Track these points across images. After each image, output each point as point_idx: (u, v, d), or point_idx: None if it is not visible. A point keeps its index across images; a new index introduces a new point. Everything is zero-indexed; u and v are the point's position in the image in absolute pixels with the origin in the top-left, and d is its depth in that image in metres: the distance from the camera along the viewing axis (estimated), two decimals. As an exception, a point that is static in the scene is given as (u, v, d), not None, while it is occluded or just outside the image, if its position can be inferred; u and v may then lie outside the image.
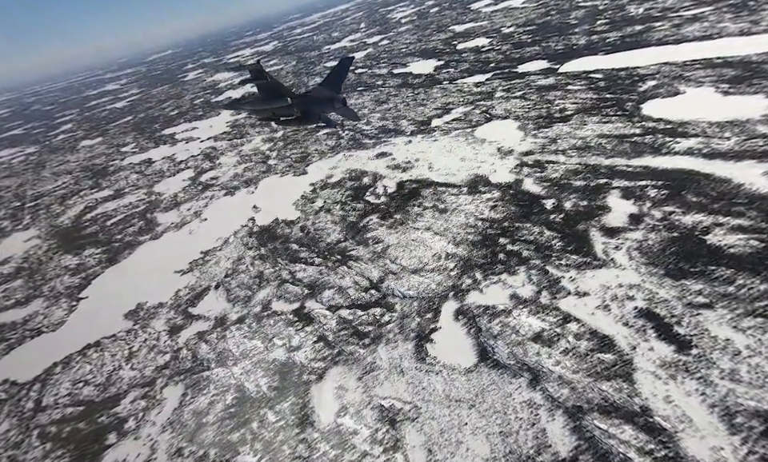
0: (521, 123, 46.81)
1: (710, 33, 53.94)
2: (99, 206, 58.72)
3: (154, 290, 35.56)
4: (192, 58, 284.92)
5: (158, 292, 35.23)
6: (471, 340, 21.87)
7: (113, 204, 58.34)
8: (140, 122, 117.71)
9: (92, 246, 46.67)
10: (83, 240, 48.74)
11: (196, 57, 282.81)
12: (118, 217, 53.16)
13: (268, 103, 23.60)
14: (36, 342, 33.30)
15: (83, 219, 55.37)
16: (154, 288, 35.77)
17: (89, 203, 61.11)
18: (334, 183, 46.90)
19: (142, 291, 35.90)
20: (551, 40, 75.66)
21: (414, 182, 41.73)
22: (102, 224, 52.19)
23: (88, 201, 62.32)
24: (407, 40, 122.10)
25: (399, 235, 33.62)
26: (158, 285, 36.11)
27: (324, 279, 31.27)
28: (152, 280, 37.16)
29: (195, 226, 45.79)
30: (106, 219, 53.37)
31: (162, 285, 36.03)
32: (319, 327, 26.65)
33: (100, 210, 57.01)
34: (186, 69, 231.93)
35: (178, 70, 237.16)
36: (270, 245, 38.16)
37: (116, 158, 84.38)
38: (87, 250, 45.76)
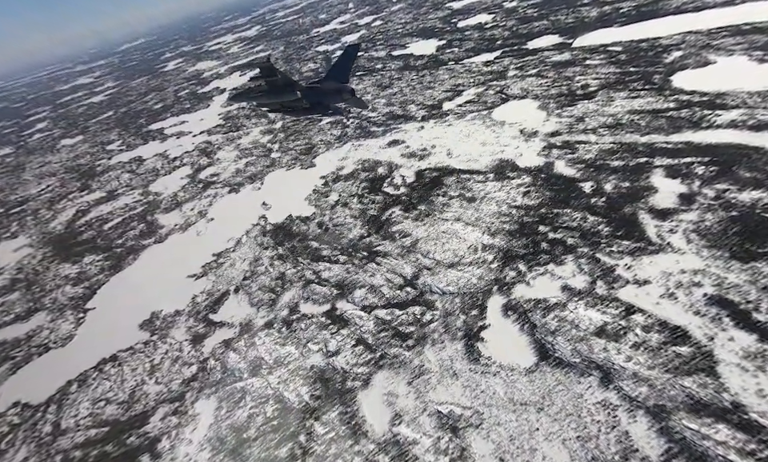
0: (541, 102, 45.24)
1: (719, 2, 52.42)
2: (92, 209, 55.85)
3: (168, 297, 33.87)
4: (169, 47, 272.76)
5: (173, 299, 33.57)
6: (526, 338, 21.01)
7: (107, 206, 55.55)
8: (123, 118, 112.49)
9: (91, 253, 44.35)
10: (81, 247, 46.30)
11: (173, 46, 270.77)
12: (114, 220, 50.60)
13: (277, 97, 23.74)
14: (44, 359, 31.58)
15: (77, 224, 52.63)
16: (168, 295, 34.07)
17: (80, 206, 58.14)
18: (347, 175, 45.04)
19: (154, 299, 34.19)
20: (559, 13, 73.29)
21: (434, 170, 40.18)
22: (98, 228, 49.63)
23: (79, 204, 59.28)
24: (402, 20, 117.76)
25: (427, 227, 32.32)
26: (172, 292, 34.41)
27: (352, 278, 29.97)
28: (164, 287, 35.40)
29: (202, 227, 43.75)
30: (102, 223, 50.76)
31: (175, 292, 34.33)
32: (356, 329, 25.52)
33: (94, 214, 54.23)
34: (164, 58, 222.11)
35: (155, 60, 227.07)
36: (287, 244, 36.55)
37: (102, 157, 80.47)
38: (87, 257, 43.46)
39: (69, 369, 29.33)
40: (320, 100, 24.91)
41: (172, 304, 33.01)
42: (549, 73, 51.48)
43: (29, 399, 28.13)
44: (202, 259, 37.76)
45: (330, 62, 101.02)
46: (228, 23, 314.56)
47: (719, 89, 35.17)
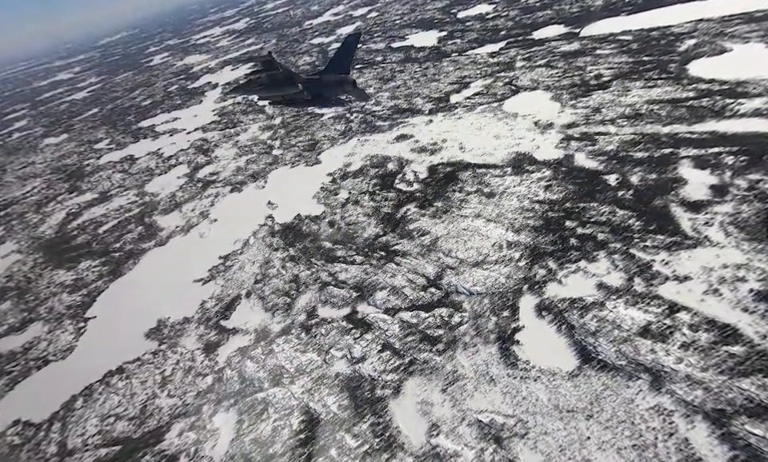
0: (554, 93, 44.41)
1: None
2: (84, 212, 53.39)
3: (175, 303, 32.33)
4: (153, 41, 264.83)
5: (179, 305, 32.05)
6: (565, 340, 20.29)
7: (100, 208, 53.17)
8: (110, 115, 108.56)
9: (87, 258, 42.27)
10: (75, 252, 44.15)
11: (157, 40, 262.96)
12: (110, 222, 48.39)
13: (279, 90, 23.60)
14: (44, 373, 29.89)
15: (69, 228, 50.23)
16: (174, 302, 32.53)
17: (71, 209, 55.58)
18: (356, 172, 43.69)
19: (159, 305, 32.60)
20: (564, 2, 72.40)
21: (448, 165, 39.13)
22: (92, 232, 47.39)
23: (69, 206, 56.69)
24: (399, 11, 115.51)
25: (447, 225, 31.34)
26: (178, 298, 32.87)
27: (371, 279, 28.89)
28: (169, 293, 33.82)
29: (205, 228, 42.01)
30: (96, 226, 48.50)
31: (181, 297, 32.81)
32: (380, 333, 24.52)
33: (86, 217, 51.83)
34: (148, 52, 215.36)
35: (139, 54, 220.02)
36: (298, 245, 35.21)
37: (90, 157, 77.33)
38: (83, 263, 41.40)
39: (72, 383, 27.73)
40: (321, 92, 24.69)
41: (179, 311, 31.51)
42: (559, 63, 50.64)
43: (30, 417, 26.52)
44: (208, 262, 36.20)
45: (326, 55, 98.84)
46: (215, 15, 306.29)
47: (738, 77, 34.76)
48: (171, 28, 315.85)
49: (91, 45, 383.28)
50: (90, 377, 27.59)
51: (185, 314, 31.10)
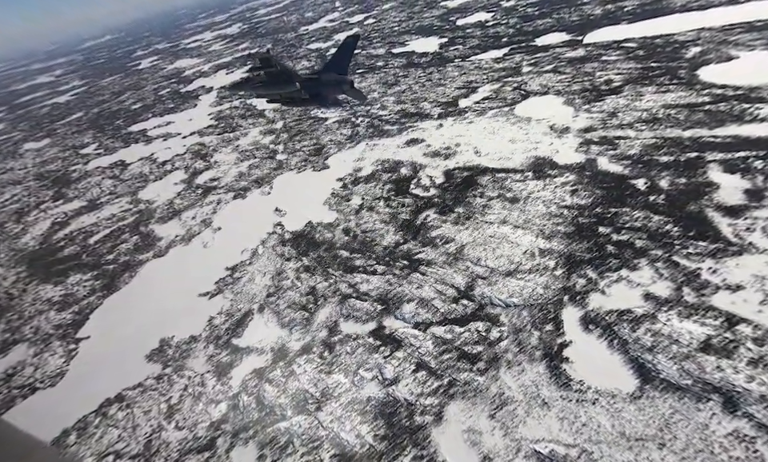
0: (565, 98, 43.88)
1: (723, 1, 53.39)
2: (72, 221, 49.46)
3: (179, 320, 29.46)
4: (140, 44, 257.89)
5: (185, 322, 29.20)
6: (619, 356, 18.82)
7: (90, 217, 49.36)
8: (96, 119, 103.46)
9: (77, 271, 38.68)
10: (63, 265, 40.40)
11: (145, 43, 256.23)
12: (101, 232, 44.77)
13: (276, 88, 23.42)
14: (31, 403, 26.42)
15: (55, 238, 46.26)
16: (178, 318, 29.65)
17: (57, 218, 51.46)
18: (367, 177, 41.82)
19: (162, 323, 29.66)
20: (562, 11, 73.18)
21: (465, 170, 37.75)
22: (82, 243, 43.68)
23: (55, 215, 52.52)
24: (397, 18, 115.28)
25: (471, 231, 29.79)
26: (183, 314, 29.99)
27: (396, 290, 26.92)
28: (172, 308, 30.88)
29: (208, 237, 39.16)
30: (86, 236, 44.78)
31: (186, 313, 29.95)
32: (413, 351, 22.54)
33: (75, 226, 47.95)
34: (136, 56, 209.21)
35: (126, 58, 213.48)
36: (312, 254, 32.95)
37: (77, 162, 72.72)
38: (72, 277, 37.80)
39: (63, 414, 24.49)
40: (319, 91, 24.58)
41: (185, 329, 28.66)
42: (566, 69, 50.41)
43: (13, 455, 23.22)
44: (214, 274, 33.45)
45: (325, 59, 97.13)
46: (204, 20, 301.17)
47: (751, 83, 34.81)
48: (159, 32, 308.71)
49: (74, 49, 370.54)
50: (85, 407, 24.42)
51: (191, 332, 28.29)
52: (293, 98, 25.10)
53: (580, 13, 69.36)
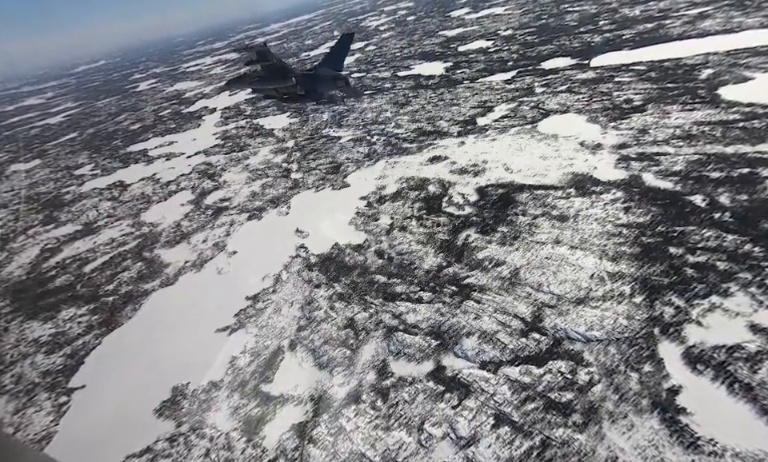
0: (588, 116, 42.77)
1: (729, 26, 55.04)
2: (65, 247, 43.93)
3: (194, 363, 24.67)
4: (137, 68, 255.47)
5: (201, 364, 24.44)
6: (747, 405, 15.55)
7: (85, 242, 44.00)
8: (92, 139, 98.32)
9: (70, 304, 33.26)
10: (53, 298, 34.84)
11: (142, 67, 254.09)
12: (99, 259, 39.53)
13: (273, 83, 23.28)
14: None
15: (45, 267, 40.56)
16: (194, 360, 24.85)
17: (47, 243, 45.74)
18: (393, 195, 38.80)
19: (173, 366, 24.78)
20: (561, 39, 74.74)
21: (498, 187, 35.25)
22: (76, 271, 38.25)
23: (45, 240, 46.78)
24: (397, 45, 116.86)
25: (523, 253, 26.77)
26: (199, 354, 25.24)
27: (451, 321, 23.27)
28: (186, 348, 26.06)
29: (223, 263, 34.72)
30: (81, 264, 39.39)
31: (203, 354, 25.22)
32: (486, 399, 18.70)
33: (68, 253, 42.45)
34: (133, 79, 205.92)
35: (123, 81, 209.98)
36: (344, 279, 29.06)
37: (71, 183, 67.21)
38: (64, 311, 32.35)
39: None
40: (315, 87, 24.49)
41: (202, 374, 23.90)
42: (581, 89, 49.97)
43: None
44: (233, 305, 28.96)
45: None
46: (203, 47, 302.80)
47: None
48: (156, 57, 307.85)
49: (66, 72, 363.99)
50: (79, 481, 19.26)
51: (210, 377, 23.56)
52: (289, 94, 24.84)
53: (580, 40, 70.90)
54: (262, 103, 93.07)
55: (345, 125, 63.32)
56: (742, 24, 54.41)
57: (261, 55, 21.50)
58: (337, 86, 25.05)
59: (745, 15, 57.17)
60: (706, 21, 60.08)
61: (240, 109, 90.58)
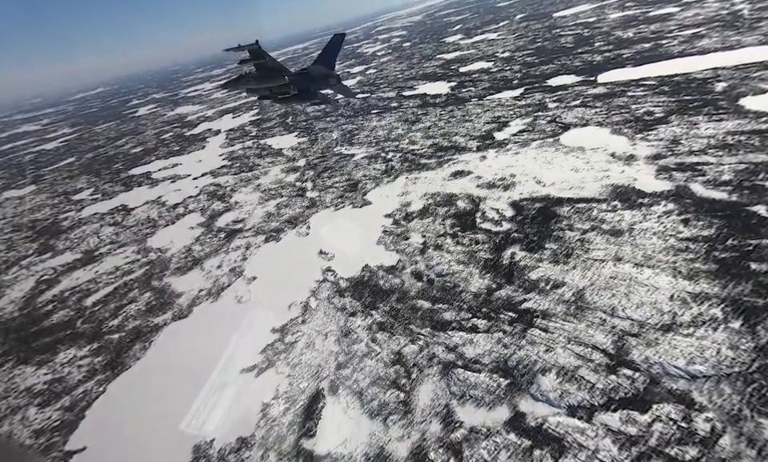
0: (611, 128, 41.48)
1: (728, 44, 55.85)
2: (63, 278, 39.38)
3: (217, 413, 20.56)
4: (136, 95, 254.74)
5: (226, 414, 20.35)
6: None
7: (85, 272, 39.59)
8: (91, 163, 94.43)
9: (69, 344, 28.74)
10: (50, 337, 30.22)
11: (141, 94, 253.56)
12: (101, 290, 35.19)
13: (266, 82, 23.19)
14: None
15: (40, 301, 35.88)
16: (216, 409, 20.76)
17: (43, 275, 41.04)
18: (420, 211, 36.08)
19: (193, 419, 20.61)
20: (561, 59, 75.65)
21: (534, 201, 32.87)
22: (76, 305, 33.79)
23: (41, 272, 42.04)
24: (397, 68, 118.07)
25: (582, 272, 23.96)
26: (221, 402, 21.14)
27: (517, 355, 19.96)
28: (205, 394, 21.95)
29: (242, 290, 30.94)
30: (81, 296, 34.97)
31: (227, 400, 21.15)
32: (588, 459, 15.24)
33: (66, 284, 37.94)
34: (132, 105, 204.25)
35: (121, 106, 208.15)
36: (382, 305, 25.62)
37: (69, 209, 62.82)
38: (62, 353, 27.80)
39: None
40: (308, 86, 24.40)
41: (228, 427, 19.78)
42: (595, 103, 49.20)
43: None
44: (258, 339, 25.10)
45: (336, 103, 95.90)
46: (201, 74, 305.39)
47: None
48: (155, 84, 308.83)
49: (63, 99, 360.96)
50: None
51: (239, 432, 19.46)
52: (283, 93, 24.63)
53: (581, 60, 71.74)
54: (267, 124, 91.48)
55: (356, 142, 61.41)
56: (740, 42, 55.34)
57: (254, 54, 20.51)
58: (329, 85, 24.77)
59: (739, 34, 58.38)
60: (703, 40, 61.25)
61: (245, 130, 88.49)
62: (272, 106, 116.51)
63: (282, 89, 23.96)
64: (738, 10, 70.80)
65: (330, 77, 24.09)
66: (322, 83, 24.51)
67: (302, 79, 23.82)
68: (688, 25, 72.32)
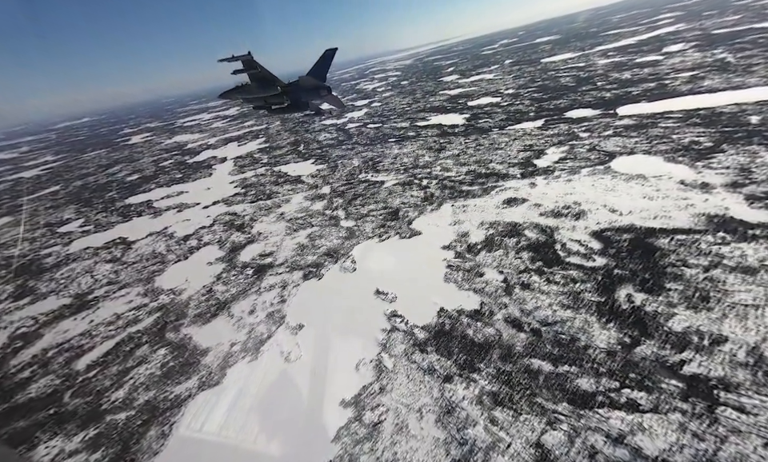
0: (663, 156, 39.55)
1: (734, 84, 58.14)
2: (46, 331, 30.62)
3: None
4: (127, 124, 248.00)
5: None
6: None
7: (76, 323, 31.14)
8: (80, 192, 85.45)
9: (54, 432, 20.33)
10: (25, 421, 21.50)
11: (132, 123, 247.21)
12: (98, 347, 26.98)
13: (260, 92, 24.06)
14: None
15: (14, 365, 26.93)
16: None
17: (20, 327, 31.97)
18: (484, 243, 31.31)
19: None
20: (570, 95, 77.70)
21: (620, 231, 28.94)
22: (64, 370, 25.30)
23: (16, 323, 32.91)
24: (403, 102, 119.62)
25: (740, 322, 19.32)
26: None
27: (725, 451, 14.48)
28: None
29: (288, 343, 23.98)
30: (71, 356, 26.54)
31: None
32: None
33: (50, 339, 29.27)
34: (124, 133, 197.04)
35: (111, 135, 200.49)
36: (483, 366, 19.66)
37: (54, 243, 53.73)
38: (43, 445, 19.36)
39: None
40: (300, 96, 25.12)
41: None
42: (630, 133, 48.27)
43: None
44: (323, 416, 18.27)
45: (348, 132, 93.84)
46: (197, 105, 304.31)
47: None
48: (148, 114, 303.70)
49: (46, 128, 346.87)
50: None
51: None
52: (277, 103, 25.39)
53: (591, 96, 73.63)
54: (277, 152, 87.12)
55: (382, 169, 57.64)
56: (744, 82, 57.83)
57: (246, 64, 20.89)
58: (320, 96, 25.23)
59: (739, 77, 61.38)
60: (705, 81, 64.06)
61: (254, 157, 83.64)
62: (279, 135, 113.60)
63: (276, 99, 24.81)
64: (722, 58, 76.13)
65: (321, 89, 24.57)
66: (314, 94, 25.03)
67: (293, 90, 24.49)
68: (680, 69, 76.76)
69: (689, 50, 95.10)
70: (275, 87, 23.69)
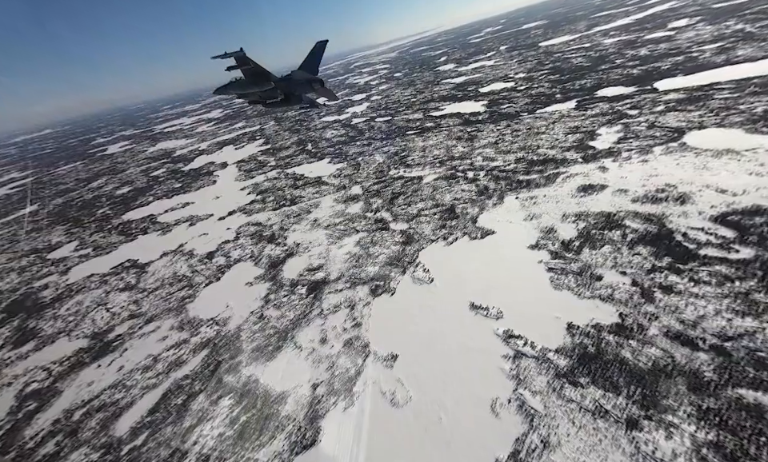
0: (742, 128, 36.23)
1: (762, 54, 56.17)
2: (63, 385, 24.38)
3: None
4: (99, 133, 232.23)
5: None
6: None
7: (102, 371, 24.78)
8: (63, 210, 76.83)
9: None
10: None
11: (104, 132, 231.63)
12: (138, 402, 21.20)
13: (254, 87, 24.05)
14: None
15: (29, 438, 20.88)
16: None
17: (29, 383, 25.26)
18: (581, 238, 27.07)
19: None
20: (591, 75, 74.70)
21: (748, 214, 25.07)
22: (101, 439, 19.11)
23: (24, 378, 26.35)
24: (404, 93, 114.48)
25: None
26: None
27: None
28: None
29: (388, 381, 18.78)
30: (106, 419, 20.51)
31: None
32: None
33: (71, 396, 23.08)
34: (98, 143, 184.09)
35: (83, 145, 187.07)
36: (676, 403, 15.54)
37: (48, 272, 46.30)
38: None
39: None
40: (293, 90, 25.25)
41: None
42: (686, 106, 45.30)
43: None
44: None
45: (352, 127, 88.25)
46: (171, 110, 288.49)
47: None
48: (119, 121, 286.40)
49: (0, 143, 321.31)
50: None
51: None
52: (271, 98, 25.29)
53: (616, 73, 70.57)
54: (285, 153, 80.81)
55: (413, 163, 52.87)
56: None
57: (239, 60, 20.87)
58: (313, 89, 25.38)
59: None
60: (738, 51, 62.01)
61: (259, 160, 77.11)
62: (279, 135, 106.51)
63: (269, 93, 24.64)
64: (741, 29, 74.87)
65: (313, 82, 24.50)
66: (307, 87, 24.98)
67: (287, 84, 24.38)
68: (701, 41, 75.17)
69: (697, 25, 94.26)
70: (269, 82, 23.62)
